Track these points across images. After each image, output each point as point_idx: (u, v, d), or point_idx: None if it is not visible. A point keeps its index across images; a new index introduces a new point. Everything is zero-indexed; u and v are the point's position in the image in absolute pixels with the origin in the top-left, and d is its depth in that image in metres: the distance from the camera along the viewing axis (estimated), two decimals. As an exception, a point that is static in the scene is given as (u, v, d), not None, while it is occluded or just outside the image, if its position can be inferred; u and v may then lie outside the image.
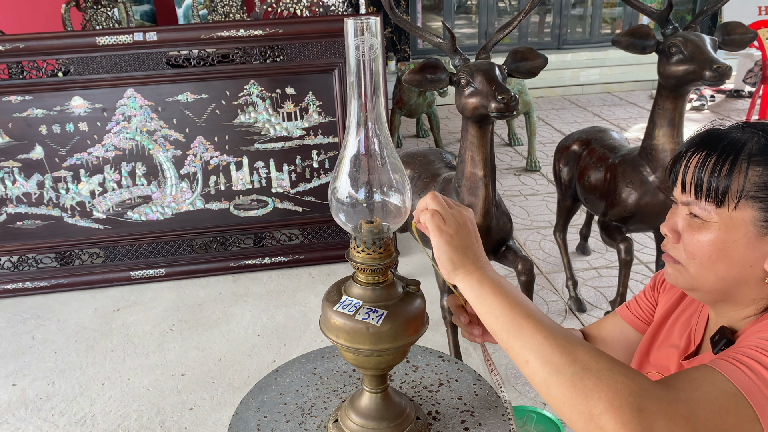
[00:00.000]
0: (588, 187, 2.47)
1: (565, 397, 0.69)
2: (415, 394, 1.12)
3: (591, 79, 7.14)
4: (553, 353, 0.71)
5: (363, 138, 0.83)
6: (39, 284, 2.98)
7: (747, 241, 0.82)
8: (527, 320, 0.75)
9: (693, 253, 0.86)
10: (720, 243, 0.83)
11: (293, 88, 2.97)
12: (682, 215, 0.89)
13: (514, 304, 0.77)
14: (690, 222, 0.87)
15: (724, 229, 0.83)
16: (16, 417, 2.18)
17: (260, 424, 1.05)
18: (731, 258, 0.83)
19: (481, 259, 0.82)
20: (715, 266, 0.84)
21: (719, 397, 0.69)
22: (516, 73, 1.84)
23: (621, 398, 0.66)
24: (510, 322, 0.76)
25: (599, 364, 0.69)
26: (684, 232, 0.88)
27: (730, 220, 0.82)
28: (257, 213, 3.11)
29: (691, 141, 0.89)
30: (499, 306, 0.77)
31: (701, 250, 0.85)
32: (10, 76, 2.83)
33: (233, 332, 2.63)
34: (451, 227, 0.81)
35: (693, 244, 0.86)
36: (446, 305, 2.22)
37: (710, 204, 0.83)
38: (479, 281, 0.80)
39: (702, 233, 0.85)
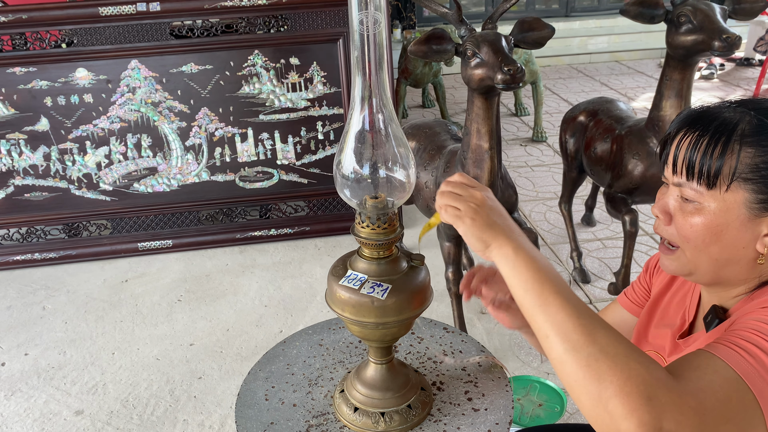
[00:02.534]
0: (594, 159, 2.46)
1: (578, 376, 0.69)
2: (420, 365, 1.14)
3: (599, 47, 7.04)
4: (574, 331, 0.71)
5: (367, 113, 0.83)
6: (48, 255, 3.01)
7: (740, 223, 0.82)
8: (555, 296, 0.75)
9: (686, 237, 0.86)
10: (713, 226, 0.83)
11: (297, 58, 2.95)
12: (673, 196, 0.88)
13: (545, 279, 0.76)
14: (682, 205, 0.86)
15: (716, 212, 0.82)
16: (29, 386, 2.23)
17: (268, 393, 1.08)
18: (724, 240, 0.83)
19: (512, 231, 0.81)
20: (708, 248, 0.84)
21: (723, 385, 0.69)
22: (523, 43, 1.82)
23: (632, 385, 0.66)
24: (538, 296, 0.76)
25: (617, 348, 0.69)
26: (676, 215, 0.87)
27: (722, 203, 0.82)
28: (263, 185, 3.12)
29: (682, 120, 0.88)
30: (531, 279, 0.77)
31: (695, 233, 0.85)
32: (14, 47, 2.82)
33: (240, 303, 2.66)
34: (468, 212, 0.81)
35: (686, 228, 0.86)
36: (450, 277, 2.24)
37: (702, 186, 0.82)
38: (514, 252, 0.78)
39: (695, 216, 0.84)
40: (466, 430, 0.99)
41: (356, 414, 1.00)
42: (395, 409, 0.99)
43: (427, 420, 1.01)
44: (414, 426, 1.00)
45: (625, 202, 2.34)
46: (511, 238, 0.79)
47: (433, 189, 2.17)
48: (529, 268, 0.77)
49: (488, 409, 1.03)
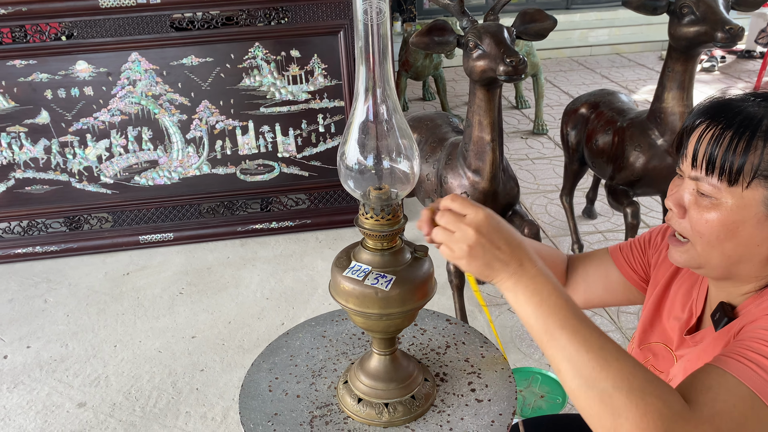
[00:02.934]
0: (596, 151, 2.46)
1: (593, 411, 0.68)
2: (423, 356, 1.14)
3: (600, 40, 7.02)
4: (585, 366, 0.70)
5: (371, 104, 0.83)
6: (49, 248, 3.01)
7: (756, 221, 0.80)
8: (561, 330, 0.72)
9: (700, 232, 0.84)
10: (729, 222, 0.81)
11: (298, 50, 2.94)
12: (688, 189, 0.86)
13: (548, 313, 0.74)
14: (698, 199, 0.84)
15: (734, 209, 0.80)
16: (32, 378, 2.23)
17: (272, 384, 1.08)
18: (739, 237, 0.82)
19: (511, 263, 0.77)
20: (722, 245, 0.83)
21: (738, 405, 0.69)
22: (525, 35, 1.82)
23: (648, 420, 0.65)
24: (543, 332, 0.74)
25: (632, 382, 0.67)
26: (691, 209, 0.85)
27: (741, 200, 0.80)
28: (264, 178, 3.12)
29: (703, 112, 0.85)
30: (533, 314, 0.75)
31: (709, 229, 0.83)
32: (14, 40, 2.81)
33: (242, 295, 2.66)
34: (462, 254, 0.77)
35: (701, 223, 0.84)
36: (452, 269, 2.24)
37: (722, 182, 0.80)
38: (513, 289, 0.77)
39: (710, 212, 0.82)
40: (470, 420, 0.99)
41: (360, 405, 1.00)
42: (399, 400, 0.99)
43: (430, 411, 1.02)
44: (418, 417, 1.00)
45: (627, 195, 2.34)
46: (509, 272, 0.77)
47: (434, 181, 2.17)
48: (530, 302, 0.75)
49: (492, 400, 1.03)
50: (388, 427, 0.98)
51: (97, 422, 2.02)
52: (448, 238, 0.78)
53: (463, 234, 0.77)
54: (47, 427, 2.01)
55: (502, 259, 0.77)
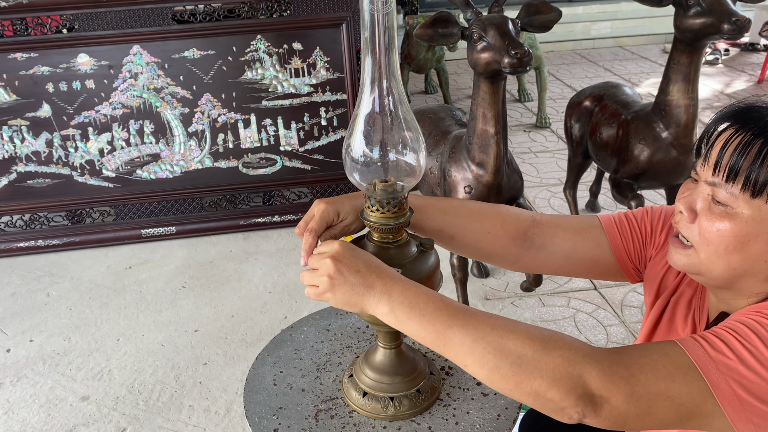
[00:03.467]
0: (600, 144, 2.44)
1: (510, 386, 0.72)
2: (428, 350, 1.14)
3: (602, 32, 6.99)
4: (485, 353, 0.73)
5: (377, 95, 0.82)
6: (51, 242, 3.01)
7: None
8: (450, 330, 0.74)
9: (709, 240, 0.81)
10: (741, 235, 0.78)
11: (300, 43, 2.93)
12: (702, 195, 0.82)
13: (432, 320, 0.75)
14: (711, 206, 0.81)
15: (749, 221, 0.77)
16: (35, 371, 2.23)
17: (276, 378, 1.08)
18: (749, 251, 0.79)
19: (376, 284, 0.77)
20: (729, 256, 0.80)
21: (667, 365, 0.71)
22: (529, 27, 1.80)
23: (560, 370, 0.70)
24: (435, 339, 0.76)
25: (533, 346, 0.71)
26: (702, 216, 0.82)
27: (757, 212, 0.77)
28: (266, 171, 3.11)
29: (731, 116, 0.81)
30: (419, 327, 0.76)
31: (719, 239, 0.80)
32: (15, 33, 2.80)
33: (245, 289, 2.66)
34: (326, 287, 0.79)
35: (711, 232, 0.80)
36: (455, 263, 2.23)
37: (744, 192, 0.77)
38: (390, 310, 0.77)
39: (723, 221, 0.79)
40: (476, 414, 0.99)
41: (365, 399, 0.99)
42: (404, 394, 0.99)
43: (436, 404, 1.01)
44: (423, 411, 0.99)
45: (631, 188, 2.33)
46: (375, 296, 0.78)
47: (438, 175, 2.16)
48: (411, 318, 0.76)
49: (497, 394, 1.03)
50: (394, 420, 0.98)
51: (101, 416, 2.02)
52: (312, 275, 0.81)
53: (323, 266, 0.79)
54: (50, 421, 2.01)
55: (366, 283, 0.78)
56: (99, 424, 1.98)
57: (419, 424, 0.97)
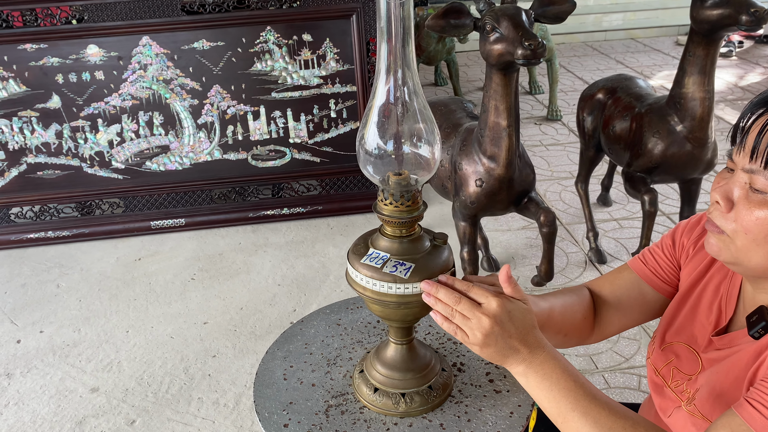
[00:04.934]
0: (612, 137, 2.41)
1: None
2: (440, 346, 1.13)
3: (614, 24, 6.91)
4: None
5: (392, 86, 0.80)
6: (61, 234, 3.01)
7: None
8: (572, 412, 0.78)
9: (747, 228, 0.79)
10: None
11: (310, 34, 2.91)
12: (739, 183, 0.80)
13: (559, 396, 0.79)
14: (749, 194, 0.79)
15: None
16: (45, 362, 2.24)
17: (286, 372, 1.07)
18: None
19: (522, 350, 0.82)
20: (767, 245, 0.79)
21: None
22: (543, 18, 1.77)
23: None
24: (556, 414, 0.79)
25: None
26: (740, 204, 0.80)
27: None
28: (275, 163, 3.10)
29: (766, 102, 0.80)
30: (545, 398, 0.80)
31: (758, 227, 0.78)
32: (25, 23, 2.80)
33: (254, 282, 2.65)
34: (476, 341, 0.82)
35: (749, 220, 0.79)
36: (465, 257, 2.21)
37: None
38: (524, 374, 0.82)
39: (762, 209, 0.77)
40: (488, 411, 0.98)
41: (376, 394, 0.98)
42: (416, 390, 0.98)
43: (448, 401, 1.00)
44: (435, 407, 0.98)
45: (644, 182, 2.30)
46: (519, 359, 0.82)
47: (448, 168, 2.14)
48: (541, 387, 0.80)
49: (510, 391, 1.01)
50: (405, 417, 0.96)
51: (110, 407, 2.02)
52: (465, 323, 0.82)
53: (478, 322, 0.81)
54: (60, 412, 2.01)
55: (514, 347, 0.82)
56: (108, 416, 1.99)
57: (431, 420, 0.96)
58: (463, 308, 0.82)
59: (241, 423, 1.94)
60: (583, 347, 2.16)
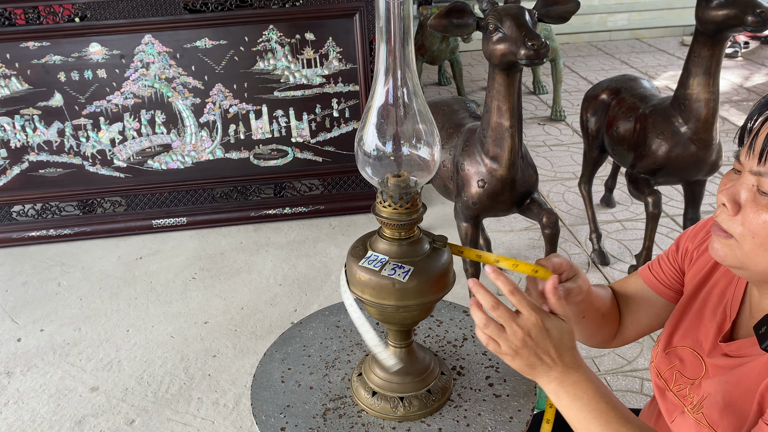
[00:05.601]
0: (616, 138, 2.40)
1: None
2: (439, 349, 1.11)
3: (619, 24, 6.89)
4: None
5: (391, 87, 0.79)
6: (62, 232, 3.01)
7: None
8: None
9: (754, 232, 0.77)
10: None
11: (313, 33, 2.90)
12: (747, 185, 0.78)
13: (589, 418, 0.78)
14: (756, 197, 0.77)
15: None
16: (45, 361, 2.23)
17: (284, 375, 1.06)
18: None
19: (555, 369, 0.81)
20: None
21: None
22: (547, 17, 1.76)
23: None
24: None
25: None
26: (747, 207, 0.78)
27: None
28: (277, 163, 3.09)
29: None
30: (575, 418, 0.80)
31: (766, 231, 0.76)
32: (27, 21, 2.79)
33: (255, 281, 2.64)
34: (508, 351, 0.80)
35: (757, 223, 0.76)
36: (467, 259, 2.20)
37: None
38: (555, 391, 0.81)
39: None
40: (488, 416, 0.96)
41: (374, 398, 0.97)
42: (414, 394, 0.97)
43: (447, 405, 0.99)
44: (434, 411, 0.97)
45: (648, 183, 2.29)
46: (551, 377, 0.81)
47: (450, 168, 2.13)
48: (571, 407, 0.80)
49: (510, 396, 1.00)
50: (404, 421, 0.95)
51: (110, 406, 2.01)
52: (499, 333, 0.80)
53: (513, 334, 0.80)
54: (60, 411, 2.01)
55: (547, 364, 0.81)
56: (108, 415, 1.98)
57: (429, 425, 0.95)
58: (499, 316, 0.80)
59: (240, 423, 1.93)
60: (585, 350, 2.15)
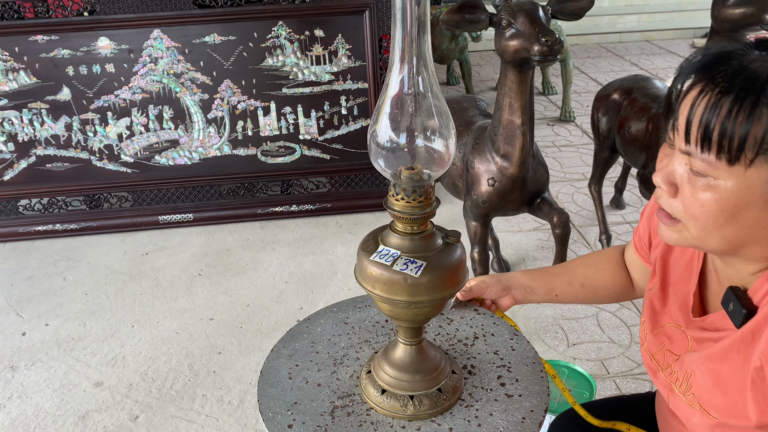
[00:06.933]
0: (628, 138, 2.37)
1: None
2: (450, 347, 1.09)
3: (629, 26, 6.85)
4: None
5: (406, 77, 0.77)
6: (69, 226, 3.00)
7: (763, 204, 0.69)
8: None
9: (695, 215, 0.72)
10: (729, 207, 0.69)
11: (322, 30, 2.88)
12: (681, 164, 0.73)
13: None
14: (691, 178, 0.72)
15: (734, 191, 0.68)
16: (50, 356, 2.22)
17: (292, 372, 1.03)
18: (742, 222, 0.70)
19: None
20: (721, 229, 0.72)
21: None
22: (560, 14, 1.74)
23: None
24: None
25: None
26: (684, 188, 0.73)
27: (742, 180, 0.67)
28: (285, 160, 3.07)
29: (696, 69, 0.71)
30: None
31: (705, 213, 0.71)
32: (36, 15, 2.78)
33: (261, 278, 2.63)
34: None
35: (695, 207, 0.72)
36: (476, 257, 2.18)
37: (721, 160, 0.68)
38: None
39: (706, 194, 0.70)
40: (499, 416, 0.94)
41: (384, 396, 0.95)
42: (425, 393, 0.94)
43: (457, 405, 0.97)
44: (444, 411, 0.95)
45: (660, 184, 2.26)
46: None
47: (460, 166, 2.11)
48: None
49: (522, 395, 0.98)
50: (413, 420, 0.93)
51: (114, 402, 2.00)
52: None
53: None
54: (64, 406, 1.99)
55: None
56: (112, 411, 1.97)
57: (440, 425, 0.93)
58: None
59: (245, 421, 1.91)
60: (594, 352, 2.12)
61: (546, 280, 1.16)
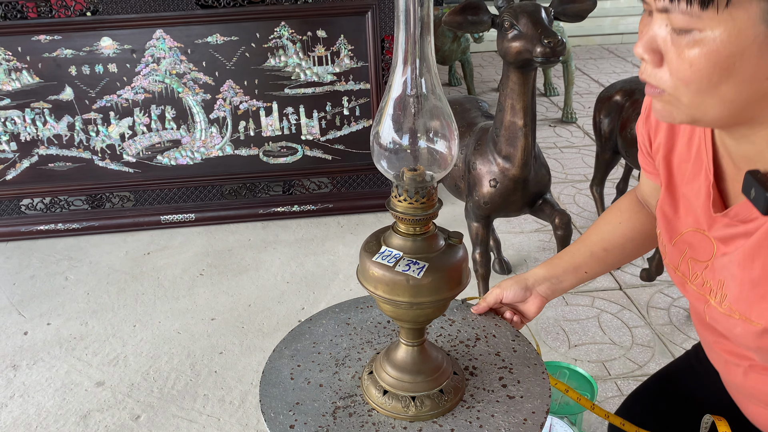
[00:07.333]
0: (630, 140, 2.37)
1: None
2: (452, 348, 1.09)
3: (631, 27, 6.85)
4: None
5: (409, 78, 0.77)
6: (71, 226, 3.01)
7: (758, 48, 0.60)
8: None
9: (685, 79, 0.64)
10: (722, 60, 0.61)
11: (324, 30, 2.88)
12: (660, 26, 0.65)
13: None
14: (674, 38, 0.64)
15: (723, 40, 0.60)
16: (51, 355, 2.23)
17: (293, 372, 1.04)
18: (739, 75, 0.62)
19: None
20: (717, 90, 0.63)
21: None
22: (563, 16, 1.74)
23: None
24: None
25: None
26: (669, 52, 0.65)
27: (731, 25, 0.59)
28: (286, 160, 3.07)
29: None
30: None
31: (696, 75, 0.63)
32: (39, 14, 2.79)
33: (262, 279, 2.63)
34: None
35: (684, 69, 0.64)
36: (478, 258, 2.18)
37: (693, 5, 0.60)
38: None
39: (693, 50, 0.62)
40: (501, 417, 0.94)
41: (385, 397, 0.95)
42: (426, 394, 0.95)
43: (459, 406, 0.97)
44: (446, 412, 0.95)
45: (662, 186, 2.26)
46: None
47: (462, 167, 2.11)
48: None
49: (524, 397, 0.98)
50: (415, 421, 0.93)
51: (115, 402, 2.00)
52: None
53: None
54: (65, 405, 2.00)
55: None
56: (113, 410, 1.97)
57: (441, 426, 0.93)
58: None
59: (246, 421, 1.91)
60: (595, 353, 2.12)
61: (567, 261, 1.09)
